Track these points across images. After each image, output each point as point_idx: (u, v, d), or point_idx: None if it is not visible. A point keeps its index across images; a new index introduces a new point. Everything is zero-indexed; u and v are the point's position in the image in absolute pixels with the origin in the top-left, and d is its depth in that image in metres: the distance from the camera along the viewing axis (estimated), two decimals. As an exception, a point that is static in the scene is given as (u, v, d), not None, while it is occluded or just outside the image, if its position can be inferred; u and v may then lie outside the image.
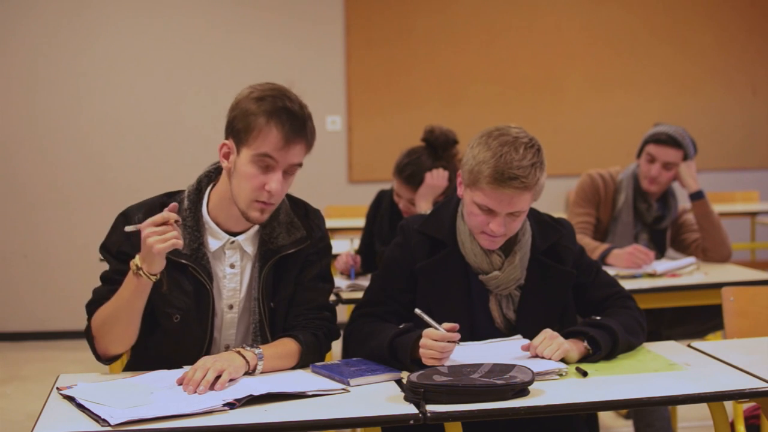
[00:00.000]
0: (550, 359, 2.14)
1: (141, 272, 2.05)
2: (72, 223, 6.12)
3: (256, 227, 2.25)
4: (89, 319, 2.21)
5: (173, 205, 2.07)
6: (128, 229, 2.07)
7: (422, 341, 2.10)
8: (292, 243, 2.24)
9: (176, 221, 2.03)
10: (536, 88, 6.53)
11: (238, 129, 2.14)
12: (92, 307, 2.22)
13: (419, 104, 6.41)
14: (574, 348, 2.19)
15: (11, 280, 6.23)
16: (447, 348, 2.07)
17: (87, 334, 2.22)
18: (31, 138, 6.17)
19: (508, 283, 2.34)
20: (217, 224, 2.23)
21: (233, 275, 2.24)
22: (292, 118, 2.14)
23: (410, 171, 3.40)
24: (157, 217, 2.03)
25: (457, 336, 2.08)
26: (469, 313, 2.35)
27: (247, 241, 2.24)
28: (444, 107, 6.43)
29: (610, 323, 2.25)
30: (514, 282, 2.34)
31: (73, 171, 6.19)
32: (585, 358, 2.21)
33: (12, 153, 6.16)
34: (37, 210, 6.20)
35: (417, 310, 2.15)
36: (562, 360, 2.15)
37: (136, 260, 2.06)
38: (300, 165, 2.19)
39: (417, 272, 2.36)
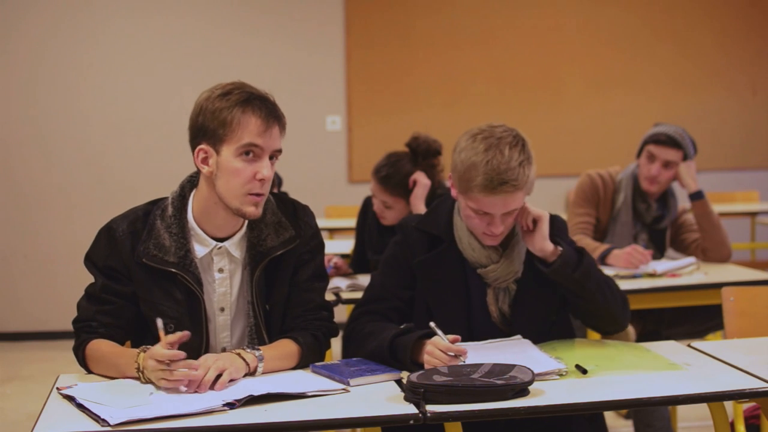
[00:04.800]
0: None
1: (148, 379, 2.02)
2: (72, 223, 6.12)
3: (243, 231, 2.23)
4: (79, 344, 2.18)
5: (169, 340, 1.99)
6: (160, 325, 2.04)
7: (428, 348, 2.11)
8: (281, 244, 2.22)
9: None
10: (536, 88, 6.53)
11: (212, 129, 2.11)
12: (80, 327, 2.20)
13: (419, 104, 6.41)
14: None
15: (11, 280, 6.24)
16: (452, 360, 2.07)
17: (77, 356, 2.20)
18: (32, 138, 6.17)
19: (506, 276, 2.35)
20: (203, 230, 2.20)
21: (222, 279, 2.22)
22: (265, 103, 2.14)
23: (386, 173, 3.48)
24: (155, 356, 1.96)
25: (464, 350, 2.08)
26: (467, 307, 2.36)
27: (233, 246, 2.21)
28: (444, 107, 6.43)
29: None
30: (512, 275, 2.36)
31: (74, 171, 6.20)
32: (554, 264, 2.27)
33: (12, 153, 6.17)
34: (37, 210, 6.20)
35: (432, 324, 2.15)
36: (560, 358, 2.16)
37: (145, 374, 2.00)
38: (280, 151, 2.16)
39: (415, 267, 2.37)
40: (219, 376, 1.98)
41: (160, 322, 2.04)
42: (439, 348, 2.08)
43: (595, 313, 2.31)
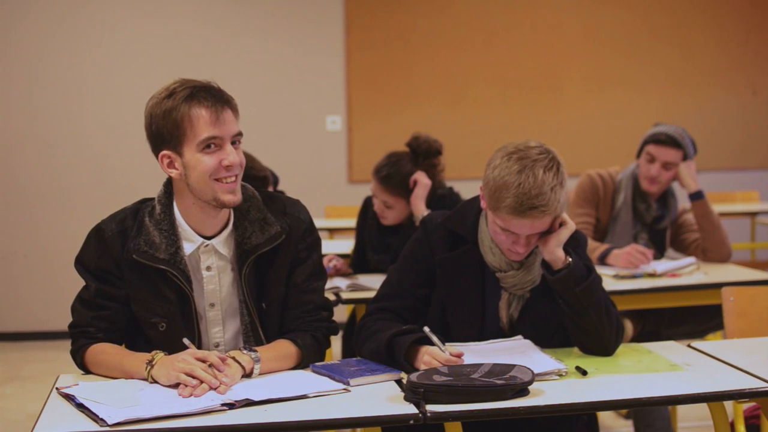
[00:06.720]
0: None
1: (151, 374, 2.03)
2: (72, 223, 6.12)
3: (229, 229, 2.21)
4: (77, 348, 2.19)
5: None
6: (186, 342, 2.08)
7: (426, 359, 2.11)
8: (266, 241, 2.20)
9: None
10: (536, 88, 6.53)
11: (168, 133, 2.10)
12: (78, 333, 2.20)
13: (419, 104, 6.41)
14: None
15: (11, 280, 6.23)
16: None
17: (75, 359, 2.20)
18: (32, 138, 6.17)
19: (524, 284, 2.34)
20: (191, 228, 2.19)
21: (211, 277, 2.21)
22: (209, 92, 2.11)
23: (386, 172, 3.49)
24: (209, 358, 2.00)
25: (462, 362, 2.09)
26: (481, 310, 2.36)
27: (220, 244, 2.20)
28: (444, 107, 6.43)
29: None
30: (529, 283, 2.35)
31: (74, 171, 6.19)
32: (559, 273, 2.24)
33: (12, 153, 6.16)
34: (37, 210, 6.20)
35: (426, 329, 2.16)
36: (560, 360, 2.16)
37: (154, 370, 2.01)
38: (241, 133, 2.15)
39: (436, 264, 2.37)
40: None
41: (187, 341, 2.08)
42: (438, 360, 2.09)
43: (585, 330, 2.28)
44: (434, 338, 2.13)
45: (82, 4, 6.17)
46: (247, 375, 2.07)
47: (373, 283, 3.21)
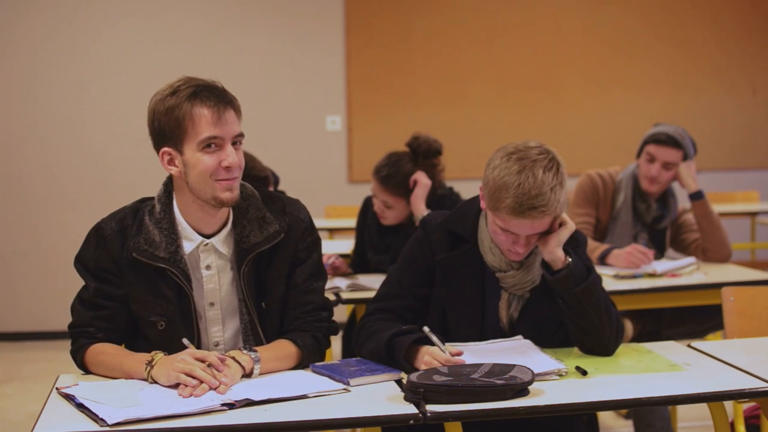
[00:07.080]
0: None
1: (151, 375, 2.03)
2: (72, 223, 6.12)
3: (229, 227, 2.21)
4: (77, 349, 2.19)
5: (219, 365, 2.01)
6: (185, 342, 2.09)
7: (426, 359, 2.11)
8: (265, 239, 2.20)
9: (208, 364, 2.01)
10: (536, 88, 6.53)
11: (169, 130, 2.10)
12: (78, 333, 2.20)
13: (419, 104, 6.41)
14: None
15: (11, 280, 6.23)
16: None
17: (75, 360, 2.21)
18: (31, 138, 6.17)
19: (524, 284, 2.34)
20: (190, 226, 2.19)
21: (210, 276, 2.21)
22: (213, 92, 2.11)
23: (387, 172, 3.49)
24: (208, 358, 2.00)
25: (463, 362, 2.08)
26: (481, 310, 2.36)
27: (220, 242, 2.20)
28: (444, 107, 6.43)
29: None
30: (529, 283, 2.35)
31: (74, 171, 6.20)
32: (559, 273, 2.24)
33: (12, 153, 6.16)
34: (37, 210, 6.20)
35: (425, 328, 2.16)
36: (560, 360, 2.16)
37: (153, 371, 2.02)
38: (242, 134, 2.15)
39: (436, 264, 2.37)
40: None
41: (186, 341, 2.09)
42: (438, 360, 2.09)
43: (585, 330, 2.28)
44: (434, 338, 2.13)
45: (83, 4, 6.17)
46: (247, 375, 2.07)
47: (373, 283, 3.21)
